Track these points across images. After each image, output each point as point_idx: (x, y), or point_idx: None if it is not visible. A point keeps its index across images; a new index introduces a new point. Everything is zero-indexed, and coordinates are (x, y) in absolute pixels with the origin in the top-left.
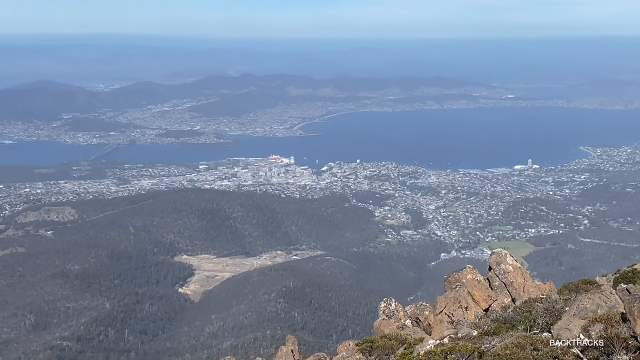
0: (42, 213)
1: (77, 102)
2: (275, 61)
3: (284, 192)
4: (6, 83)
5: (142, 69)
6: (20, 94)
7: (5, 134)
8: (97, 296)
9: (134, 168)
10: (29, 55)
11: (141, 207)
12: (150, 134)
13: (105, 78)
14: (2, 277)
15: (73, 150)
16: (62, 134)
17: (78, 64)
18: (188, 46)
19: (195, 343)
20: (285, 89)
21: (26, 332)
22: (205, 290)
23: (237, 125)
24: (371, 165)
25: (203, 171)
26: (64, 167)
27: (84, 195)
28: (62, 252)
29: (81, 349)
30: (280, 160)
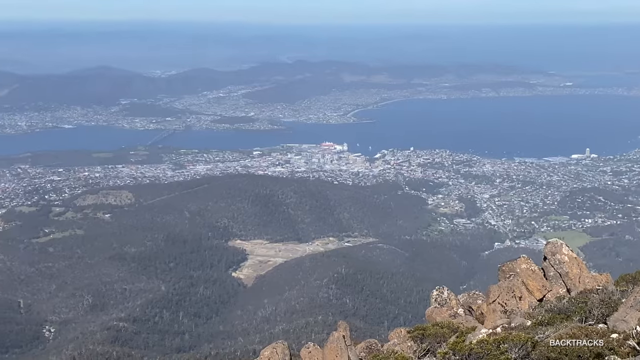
0: (100, 196)
1: (135, 88)
2: (329, 48)
3: (336, 179)
4: (67, 68)
5: (198, 56)
6: (80, 79)
7: (65, 119)
8: (153, 279)
9: (189, 153)
10: (89, 42)
11: (196, 192)
12: (206, 119)
13: (162, 64)
14: (61, 259)
15: (130, 135)
16: (120, 119)
17: (136, 50)
18: (243, 33)
19: (248, 327)
20: (339, 75)
21: (84, 312)
22: (258, 275)
23: (290, 112)
24: (425, 153)
25: (257, 157)
26: (122, 152)
27: (140, 179)
28: (120, 235)
29: (137, 330)
30: (333, 147)
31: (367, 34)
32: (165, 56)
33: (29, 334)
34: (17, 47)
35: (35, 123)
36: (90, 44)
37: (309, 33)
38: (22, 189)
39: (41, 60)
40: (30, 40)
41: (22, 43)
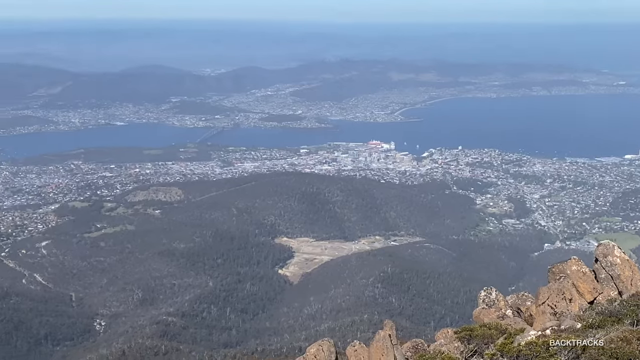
0: (150, 193)
1: (185, 86)
2: (377, 46)
3: (383, 178)
4: (120, 67)
5: (247, 54)
6: (132, 77)
7: (117, 116)
8: (201, 274)
9: (237, 151)
10: (142, 40)
11: (244, 189)
12: (254, 117)
13: (211, 63)
14: (112, 253)
15: (180, 133)
16: (170, 116)
17: (186, 48)
18: (291, 31)
19: (294, 324)
20: (387, 74)
21: (134, 306)
22: (304, 272)
23: (338, 110)
24: (473, 152)
25: (304, 155)
26: (172, 149)
27: (190, 176)
28: (169, 231)
29: (185, 325)
30: (380, 145)
31: (415, 32)
32: (215, 55)
33: (80, 327)
34: (72, 46)
35: (88, 120)
36: (143, 43)
37: (357, 31)
38: (75, 185)
39: (95, 59)
40: (84, 38)
41: (77, 41)
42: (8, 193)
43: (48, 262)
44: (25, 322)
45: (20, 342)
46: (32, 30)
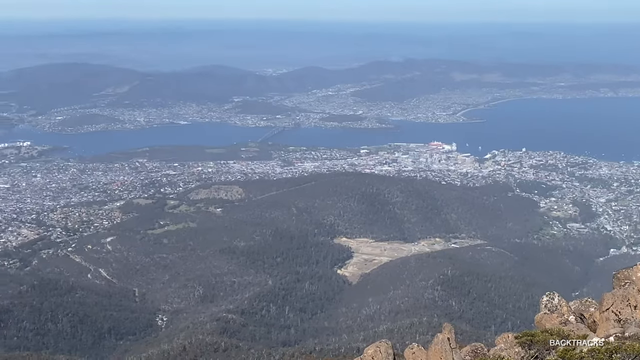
0: (212, 191)
1: (247, 86)
2: (439, 46)
3: (444, 179)
4: (184, 66)
5: (309, 54)
6: (196, 77)
7: (181, 115)
8: (261, 272)
9: (297, 151)
10: (206, 40)
11: (304, 188)
12: (315, 117)
13: (274, 63)
14: (175, 250)
15: (242, 132)
16: (233, 116)
17: (250, 49)
18: (354, 31)
19: (352, 324)
20: (450, 74)
21: (195, 303)
22: (363, 273)
23: (399, 111)
24: (537, 155)
25: (364, 155)
26: (233, 148)
27: (250, 175)
28: (230, 229)
29: (244, 323)
30: (441, 146)
31: (478, 32)
32: (277, 55)
33: (142, 322)
34: (139, 46)
35: (153, 119)
36: (208, 43)
37: (419, 31)
38: (139, 182)
39: (161, 59)
40: (151, 39)
41: (143, 42)
42: (75, 190)
43: (113, 257)
44: (90, 316)
45: (85, 335)
46: (101, 30)
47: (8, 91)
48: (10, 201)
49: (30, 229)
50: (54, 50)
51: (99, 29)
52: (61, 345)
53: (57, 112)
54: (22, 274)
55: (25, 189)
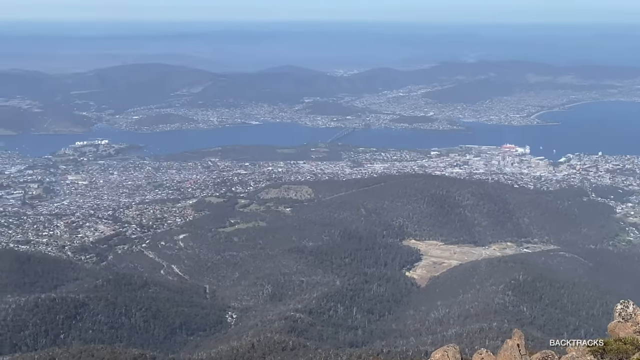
0: (282, 191)
1: (318, 87)
2: (513, 47)
3: (517, 183)
4: (256, 67)
5: (380, 55)
6: (268, 77)
7: (253, 115)
8: (329, 273)
9: (367, 152)
10: (278, 41)
11: (373, 190)
12: (385, 118)
13: (345, 64)
14: (245, 249)
15: (312, 133)
16: (303, 116)
17: (321, 50)
18: (425, 32)
19: (420, 327)
20: (524, 75)
21: (264, 301)
22: (432, 276)
23: (471, 112)
24: (614, 159)
25: (434, 157)
26: (303, 148)
27: (320, 175)
28: (299, 229)
29: (312, 322)
30: (514, 149)
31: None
32: (348, 56)
33: (213, 318)
34: (213, 47)
35: (225, 119)
36: (280, 44)
37: (492, 32)
38: (211, 181)
39: (234, 60)
40: (224, 40)
41: (217, 43)
42: (150, 187)
43: (185, 254)
44: (163, 311)
45: (157, 330)
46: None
47: (88, 91)
48: (88, 197)
49: (106, 225)
50: (132, 52)
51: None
52: (134, 339)
53: (134, 111)
54: (98, 268)
55: (103, 186)
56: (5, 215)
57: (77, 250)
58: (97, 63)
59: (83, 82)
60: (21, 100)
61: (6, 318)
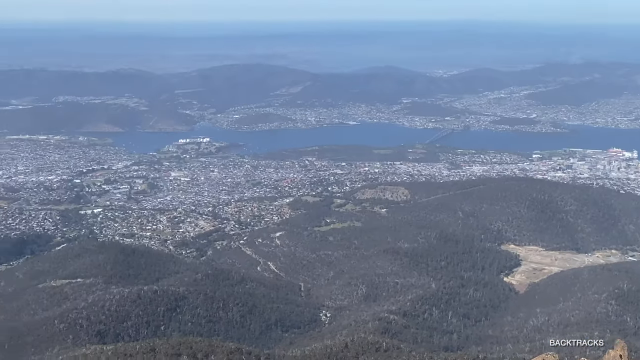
0: (378, 191)
1: (417, 87)
2: (620, 48)
3: (623, 188)
4: (355, 67)
5: (481, 55)
6: (366, 77)
7: (350, 115)
8: (424, 275)
9: (466, 154)
10: (378, 42)
11: (471, 192)
12: (485, 120)
13: (445, 64)
14: (340, 248)
15: (410, 133)
16: (401, 117)
17: (421, 50)
18: (526, 31)
19: (518, 334)
20: (633, 77)
21: (357, 301)
22: (531, 282)
23: (576, 115)
24: None
25: (536, 161)
26: (400, 149)
27: (416, 177)
28: (394, 230)
29: (406, 324)
30: (621, 153)
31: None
32: (449, 56)
33: (307, 316)
34: (313, 47)
35: (323, 119)
36: (379, 44)
37: (601, 33)
38: (308, 180)
39: (333, 60)
40: (325, 40)
41: (318, 43)
42: (248, 185)
43: (281, 252)
44: (259, 307)
45: (253, 325)
46: (278, 32)
47: (192, 90)
48: (189, 194)
49: (206, 221)
50: (235, 52)
51: (277, 31)
52: (231, 333)
53: (235, 110)
54: (198, 263)
55: (204, 183)
56: (112, 209)
57: (179, 244)
58: (201, 63)
59: (187, 82)
60: (129, 98)
61: (110, 308)
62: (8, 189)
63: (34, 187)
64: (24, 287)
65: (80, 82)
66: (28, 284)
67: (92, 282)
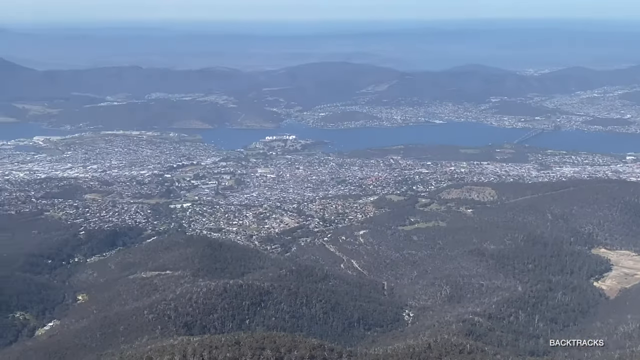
0: (463, 191)
1: (506, 86)
2: None
3: None
4: (442, 66)
5: (573, 54)
6: (453, 76)
7: (437, 114)
8: (510, 278)
9: (556, 154)
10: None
11: (561, 194)
12: (576, 120)
13: (535, 62)
14: (424, 248)
15: (497, 133)
16: (489, 116)
17: (511, 48)
18: (622, 31)
19: (607, 341)
20: None
21: (441, 302)
22: (622, 287)
23: None
24: None
25: (630, 163)
26: (488, 149)
27: (504, 177)
28: (480, 231)
29: (491, 327)
30: None
31: None
32: (539, 54)
33: (390, 315)
34: (400, 46)
35: (409, 117)
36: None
37: None
38: (393, 179)
39: (420, 58)
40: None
41: (405, 41)
42: (333, 183)
43: (364, 250)
44: (342, 304)
45: (335, 322)
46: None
47: (279, 88)
48: (275, 190)
49: (291, 217)
50: (320, 50)
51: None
52: (314, 329)
53: (321, 108)
54: (282, 258)
55: (289, 180)
56: (200, 203)
57: (264, 240)
58: (288, 61)
59: (274, 80)
60: (218, 96)
61: (197, 301)
62: (102, 183)
63: (127, 181)
64: (116, 278)
65: (172, 80)
66: (119, 274)
67: (180, 274)
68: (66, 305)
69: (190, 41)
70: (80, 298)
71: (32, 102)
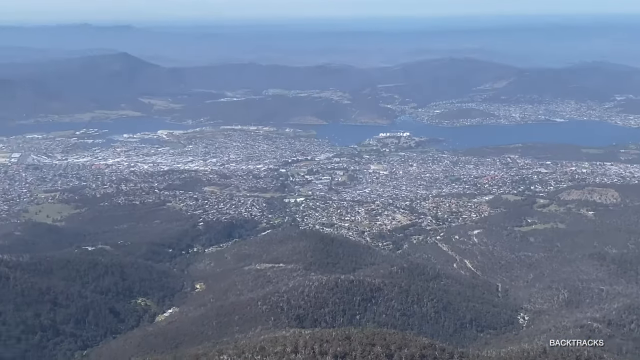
0: (584, 193)
1: (633, 83)
2: None
3: None
4: (564, 62)
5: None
6: (576, 73)
7: (558, 112)
8: (632, 284)
9: None
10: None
11: None
12: None
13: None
14: (541, 250)
15: (623, 133)
16: (614, 115)
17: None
18: None
19: None
20: None
21: (558, 306)
22: None
23: None
24: None
25: None
26: (612, 149)
27: (629, 179)
28: (601, 234)
29: (611, 334)
30: None
31: None
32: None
33: (503, 318)
34: (519, 41)
35: (528, 115)
36: (590, 38)
37: None
38: (509, 178)
39: (540, 54)
40: (531, 34)
41: (524, 38)
42: (447, 181)
43: (478, 250)
44: (453, 304)
45: (447, 322)
46: (483, 27)
47: (394, 85)
48: (387, 187)
49: (403, 215)
50: (437, 46)
51: (482, 25)
52: (424, 328)
53: (436, 105)
54: (394, 256)
55: (402, 177)
56: (314, 199)
57: (375, 236)
58: (403, 58)
59: (389, 76)
60: (333, 92)
61: (309, 294)
62: (221, 176)
63: (244, 174)
64: (232, 269)
65: (288, 76)
66: (235, 265)
67: (293, 267)
68: (185, 293)
69: (306, 38)
70: (198, 287)
71: (157, 97)
